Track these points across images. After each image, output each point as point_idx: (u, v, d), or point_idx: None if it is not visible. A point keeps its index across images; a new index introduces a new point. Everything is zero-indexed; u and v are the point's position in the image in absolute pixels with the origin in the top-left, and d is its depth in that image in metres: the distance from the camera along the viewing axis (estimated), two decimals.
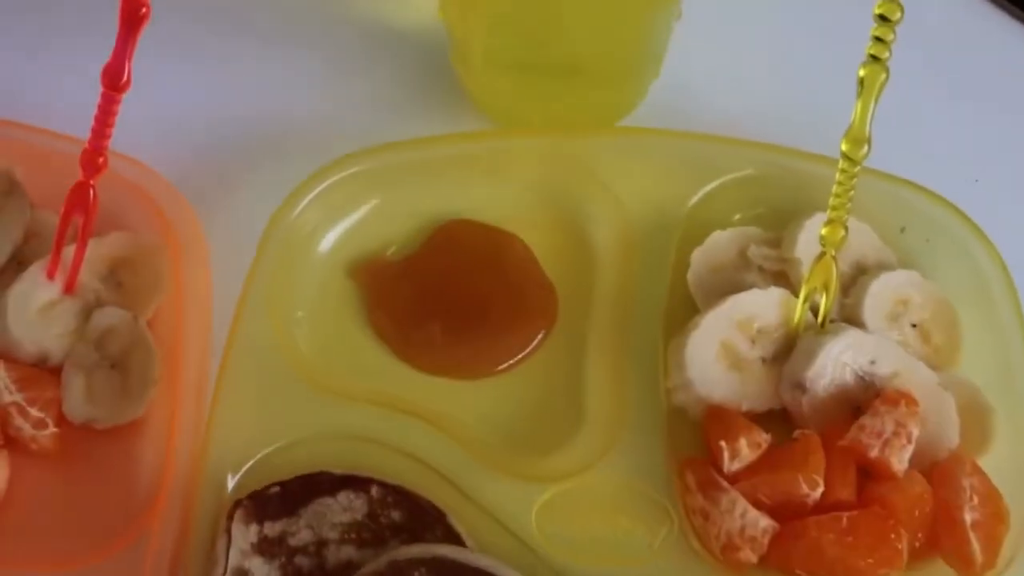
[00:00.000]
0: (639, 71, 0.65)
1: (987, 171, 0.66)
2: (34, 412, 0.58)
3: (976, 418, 0.57)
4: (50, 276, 0.60)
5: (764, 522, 0.54)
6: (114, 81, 0.55)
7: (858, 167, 0.56)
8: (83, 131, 0.58)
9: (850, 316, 0.59)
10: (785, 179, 0.62)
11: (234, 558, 0.53)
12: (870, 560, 0.53)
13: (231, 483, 0.56)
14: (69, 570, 0.54)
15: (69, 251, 0.60)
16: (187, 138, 0.66)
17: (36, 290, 0.60)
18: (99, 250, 0.61)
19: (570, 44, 0.63)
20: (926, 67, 0.68)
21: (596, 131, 0.62)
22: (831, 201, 0.57)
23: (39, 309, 0.60)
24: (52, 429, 0.58)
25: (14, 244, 0.61)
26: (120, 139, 0.58)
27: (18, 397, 0.57)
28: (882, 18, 0.54)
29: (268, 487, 0.55)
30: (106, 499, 0.57)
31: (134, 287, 0.61)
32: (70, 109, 0.59)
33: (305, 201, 0.61)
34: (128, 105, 0.56)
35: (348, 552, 0.54)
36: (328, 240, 0.62)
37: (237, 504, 0.55)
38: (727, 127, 0.63)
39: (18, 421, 0.57)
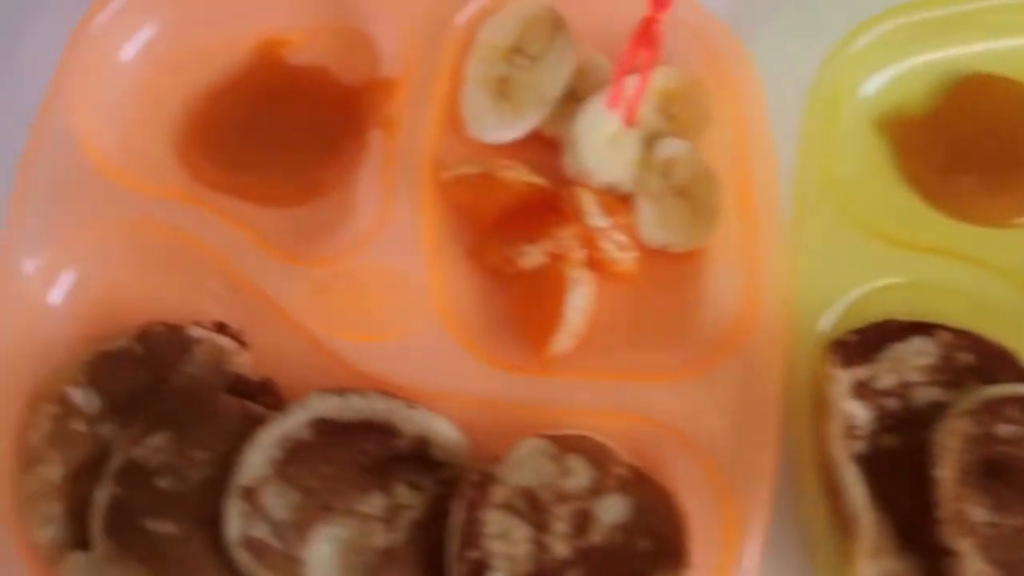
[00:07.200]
0: None
1: None
2: (619, 236, 0.60)
3: None
4: (611, 108, 0.61)
5: None
6: None
7: None
8: None
9: None
10: None
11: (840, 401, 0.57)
12: None
13: (822, 324, 0.59)
14: (657, 381, 0.58)
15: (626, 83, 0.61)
16: None
17: (601, 122, 0.62)
18: (652, 83, 0.62)
19: None
20: None
21: None
22: None
23: (606, 139, 0.62)
24: (635, 252, 0.61)
25: (567, 79, 0.62)
26: None
27: (607, 222, 0.60)
28: None
29: (847, 334, 0.58)
30: (683, 320, 0.60)
31: (684, 120, 0.63)
32: None
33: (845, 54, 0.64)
34: None
35: (933, 393, 0.58)
36: (866, 90, 0.65)
37: (833, 347, 0.57)
38: None
39: (606, 245, 0.60)
